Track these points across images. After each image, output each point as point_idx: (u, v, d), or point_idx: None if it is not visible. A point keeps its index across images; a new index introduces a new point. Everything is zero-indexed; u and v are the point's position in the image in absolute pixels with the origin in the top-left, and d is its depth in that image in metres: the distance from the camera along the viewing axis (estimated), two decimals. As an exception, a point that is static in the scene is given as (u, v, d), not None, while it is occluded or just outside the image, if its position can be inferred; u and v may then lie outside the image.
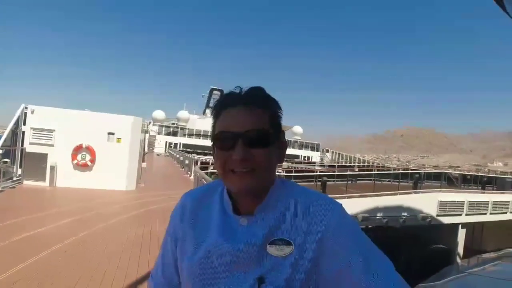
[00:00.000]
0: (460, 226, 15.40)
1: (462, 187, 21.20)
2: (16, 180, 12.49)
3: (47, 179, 12.64)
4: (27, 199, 10.62)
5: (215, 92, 78.80)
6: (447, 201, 14.73)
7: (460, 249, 15.37)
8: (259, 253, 0.92)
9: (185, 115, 72.03)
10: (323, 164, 45.29)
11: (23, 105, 12.96)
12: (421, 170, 23.39)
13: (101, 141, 13.19)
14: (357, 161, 49.91)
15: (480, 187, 21.76)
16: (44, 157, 12.68)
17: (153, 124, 65.27)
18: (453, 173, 24.68)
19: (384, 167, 35.81)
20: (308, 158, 62.00)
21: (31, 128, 12.70)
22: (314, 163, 46.71)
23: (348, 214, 0.95)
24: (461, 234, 15.51)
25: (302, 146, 68.94)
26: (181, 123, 69.33)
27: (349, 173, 19.51)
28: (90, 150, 12.95)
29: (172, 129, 66.84)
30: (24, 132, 12.83)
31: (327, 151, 68.52)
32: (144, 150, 19.76)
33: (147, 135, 35.93)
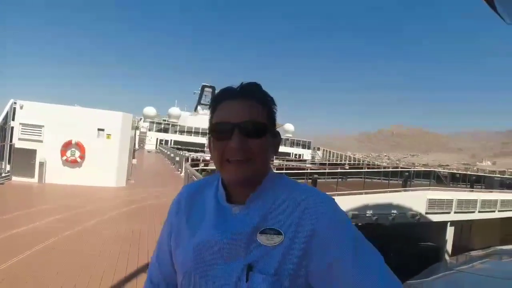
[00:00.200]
0: (448, 224, 15.56)
1: (451, 185, 21.44)
2: (5, 176, 12.32)
3: (36, 176, 12.50)
4: (15, 195, 10.51)
5: (206, 89, 78.67)
6: (436, 199, 14.86)
7: (449, 246, 15.53)
8: (249, 241, 0.93)
9: (176, 111, 71.74)
10: (314, 161, 45.48)
11: (12, 100, 12.78)
12: (410, 169, 23.53)
13: (91, 137, 13.07)
14: (347, 159, 50.09)
15: (468, 186, 22.00)
16: (33, 153, 12.53)
17: (144, 121, 64.89)
18: (442, 171, 24.95)
19: (374, 165, 36.01)
20: (299, 155, 62.21)
21: (20, 123, 12.53)
22: (305, 160, 46.93)
23: (340, 208, 0.96)
24: (450, 232, 15.67)
25: (293, 143, 69.07)
26: (172, 120, 69.03)
27: (339, 170, 19.60)
28: (80, 146, 12.83)
29: (163, 125, 66.57)
30: (13, 127, 12.66)
31: (318, 149, 68.69)
32: (134, 146, 19.64)
33: (137, 132, 35.73)
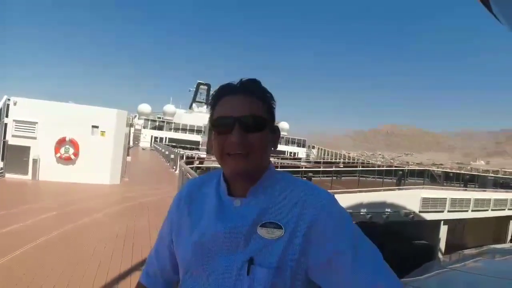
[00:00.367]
0: (442, 222, 15.61)
1: (445, 184, 21.56)
2: (-2, 173, 12.26)
3: (29, 173, 12.43)
4: (8, 192, 10.44)
5: (201, 86, 78.49)
6: (429, 198, 14.91)
7: (442, 245, 15.59)
8: (249, 233, 0.95)
9: (171, 109, 71.51)
10: (308, 160, 45.56)
11: (5, 97, 12.67)
12: (404, 167, 23.63)
13: (85, 134, 13.01)
14: (342, 157, 50.20)
15: (462, 185, 22.13)
16: (26, 150, 12.45)
17: (139, 118, 64.66)
18: (436, 170, 25.07)
19: (368, 164, 36.09)
20: (294, 154, 62.24)
21: (14, 120, 12.45)
22: (300, 159, 47.02)
23: (339, 204, 0.98)
24: (443, 230, 15.73)
25: (288, 142, 69.05)
26: (167, 117, 68.82)
27: (334, 169, 19.64)
28: (74, 143, 12.77)
29: (158, 123, 66.35)
30: (6, 124, 12.56)
31: (313, 147, 68.82)
32: (129, 144, 19.54)
33: (132, 129, 35.56)
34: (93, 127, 13.17)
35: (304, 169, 19.38)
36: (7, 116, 12.58)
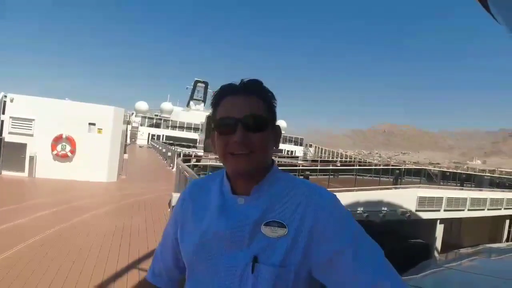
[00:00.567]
0: (438, 221, 15.66)
1: (441, 183, 21.54)
2: (-6, 170, 12.21)
3: (26, 170, 12.40)
4: (5, 190, 10.41)
5: (199, 84, 78.25)
6: (426, 197, 14.95)
7: (438, 244, 15.65)
8: (253, 232, 0.96)
9: (169, 106, 71.29)
10: (306, 158, 45.51)
11: (2, 93, 12.63)
12: (401, 166, 23.60)
13: (82, 132, 12.98)
14: (339, 156, 50.19)
15: (458, 184, 22.16)
16: (23, 147, 12.42)
17: (136, 115, 64.38)
18: (433, 169, 25.08)
19: (365, 162, 36.10)
20: (292, 152, 62.15)
21: (10, 117, 12.42)
22: (297, 157, 46.96)
23: (341, 204, 1.00)
24: (439, 229, 15.79)
25: (285, 140, 68.93)
26: (164, 115, 68.57)
27: (331, 168, 19.60)
28: (71, 141, 12.73)
29: (155, 120, 66.11)
30: (3, 121, 12.52)
31: (310, 145, 68.77)
32: (126, 141, 19.50)
33: (129, 127, 35.46)
34: (90, 124, 13.15)
35: (301, 167, 19.36)
36: (3, 113, 12.54)
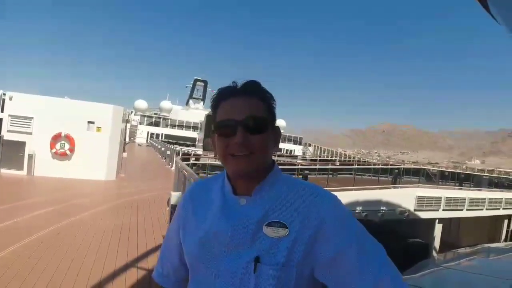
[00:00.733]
0: (437, 221, 15.68)
1: (440, 183, 21.53)
2: (-7, 169, 12.18)
3: (25, 168, 12.38)
4: (3, 188, 10.39)
5: (198, 83, 78.18)
6: (425, 196, 14.96)
7: (437, 243, 15.67)
8: (254, 232, 0.97)
9: (168, 105, 71.21)
10: (305, 157, 45.55)
11: (1, 91, 12.61)
12: (400, 166, 23.62)
13: (81, 130, 12.96)
14: (338, 155, 50.19)
15: (457, 184, 22.17)
16: (22, 145, 12.40)
17: (135, 114, 64.34)
18: (432, 169, 25.08)
19: (364, 162, 36.15)
20: (291, 151, 62.12)
21: (9, 115, 12.39)
22: (296, 156, 46.92)
23: (343, 204, 1.01)
24: (438, 229, 15.81)
25: (284, 139, 68.87)
26: (163, 114, 68.50)
27: (330, 167, 19.60)
28: (69, 139, 12.72)
29: (154, 119, 66.05)
30: (1, 119, 12.49)
31: (310, 145, 68.78)
32: (125, 140, 19.50)
33: (128, 125, 35.47)
34: (89, 122, 13.14)
35: (300, 166, 19.36)
36: (2, 111, 12.52)
